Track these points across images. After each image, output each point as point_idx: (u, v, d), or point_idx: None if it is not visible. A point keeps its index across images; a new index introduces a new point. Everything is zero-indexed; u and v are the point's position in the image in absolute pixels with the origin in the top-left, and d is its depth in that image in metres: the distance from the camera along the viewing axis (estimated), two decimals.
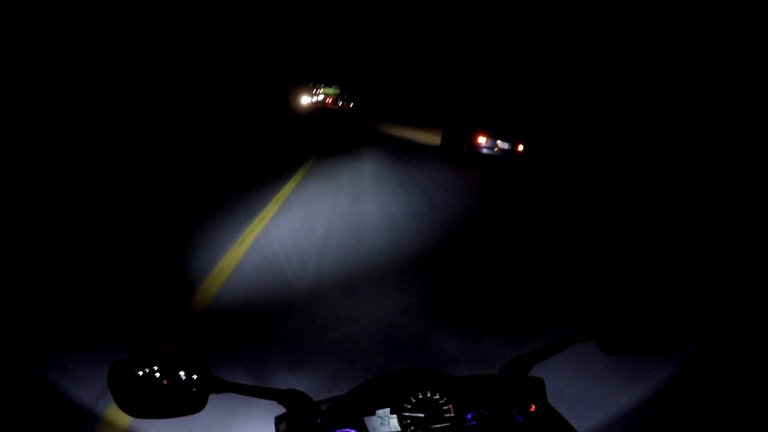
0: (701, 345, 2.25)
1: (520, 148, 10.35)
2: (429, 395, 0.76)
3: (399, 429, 0.74)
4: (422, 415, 0.75)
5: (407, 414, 0.75)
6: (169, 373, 0.71)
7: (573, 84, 15.82)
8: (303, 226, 4.37)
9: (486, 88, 23.71)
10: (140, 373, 0.71)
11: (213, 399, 0.74)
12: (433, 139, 15.79)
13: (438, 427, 0.74)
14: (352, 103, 51.57)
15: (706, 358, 2.16)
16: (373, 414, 0.75)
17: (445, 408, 0.75)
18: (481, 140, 10.22)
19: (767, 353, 2.25)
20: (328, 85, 67.55)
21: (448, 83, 30.67)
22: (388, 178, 7.61)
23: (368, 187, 6.76)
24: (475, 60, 26.35)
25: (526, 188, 8.87)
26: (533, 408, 0.75)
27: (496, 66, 22.50)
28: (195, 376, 0.72)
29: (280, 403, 0.75)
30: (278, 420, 0.75)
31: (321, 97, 58.61)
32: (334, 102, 58.29)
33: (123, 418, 1.73)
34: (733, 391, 1.95)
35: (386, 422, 0.75)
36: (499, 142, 10.21)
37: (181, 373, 0.72)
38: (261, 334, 2.41)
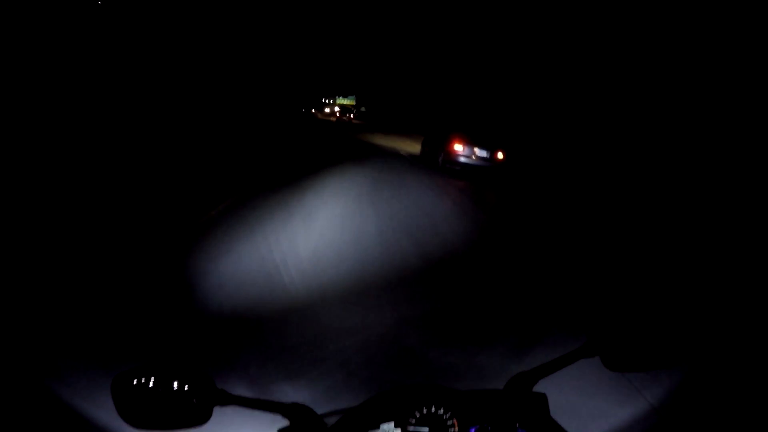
0: (701, 354, 2.23)
1: (500, 156, 9.82)
2: (433, 410, 0.76)
3: None
4: (426, 429, 0.75)
5: (412, 429, 0.75)
6: (174, 385, 0.72)
7: (555, 89, 15.96)
8: None
9: (464, 94, 23.80)
10: (144, 384, 0.71)
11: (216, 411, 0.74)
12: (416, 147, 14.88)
13: None
14: (353, 114, 46.66)
15: (706, 366, 2.14)
16: (378, 428, 0.75)
17: (449, 423, 0.75)
18: (458, 147, 9.71)
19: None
20: (343, 96, 63.64)
21: (433, 88, 30.77)
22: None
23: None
24: (454, 63, 26.53)
25: (508, 197, 8.56)
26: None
27: (475, 70, 22.76)
28: (199, 389, 0.72)
29: (284, 416, 0.76)
30: None
31: (336, 109, 52.78)
32: (342, 114, 48.10)
33: None
34: (734, 398, 1.93)
35: None
36: (476, 149, 9.69)
37: (186, 386, 0.72)
38: None
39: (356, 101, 62.01)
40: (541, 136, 15.30)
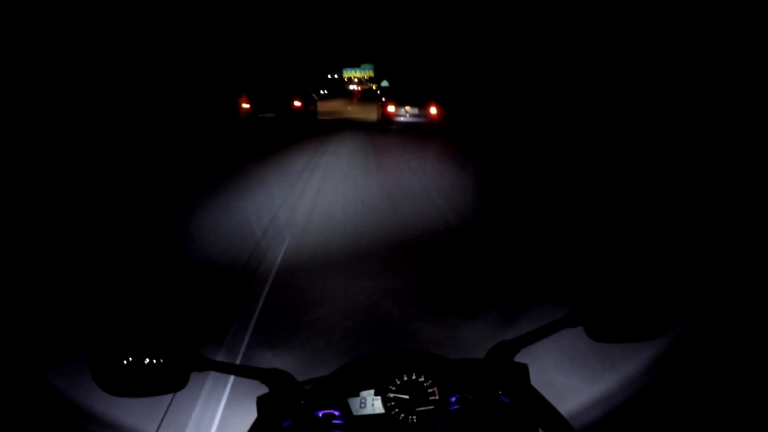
0: (690, 321, 2.30)
1: (433, 111, 10.83)
2: (414, 377, 0.75)
3: (383, 410, 0.74)
4: (407, 396, 0.75)
5: (392, 395, 0.75)
6: (150, 350, 0.70)
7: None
8: None
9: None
10: (120, 350, 0.69)
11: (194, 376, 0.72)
12: None
13: (422, 410, 0.74)
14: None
15: (696, 334, 2.22)
16: (357, 395, 0.75)
17: (429, 390, 0.75)
18: (391, 109, 11.04)
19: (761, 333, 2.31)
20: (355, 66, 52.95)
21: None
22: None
23: None
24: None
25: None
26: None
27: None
28: (176, 354, 0.70)
29: (263, 382, 0.74)
30: (260, 400, 0.74)
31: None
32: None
33: None
34: (724, 369, 2.01)
35: (370, 403, 0.74)
36: (408, 108, 10.94)
37: (163, 351, 0.70)
38: None
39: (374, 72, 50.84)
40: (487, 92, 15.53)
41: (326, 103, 25.22)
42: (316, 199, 5.19)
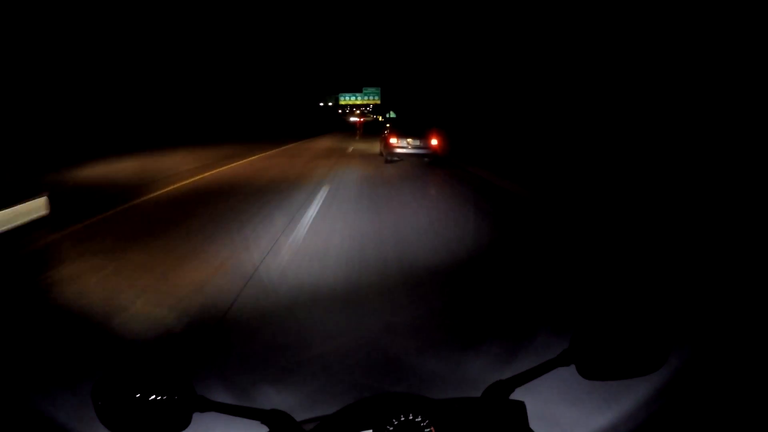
0: (692, 347, 2.27)
1: (434, 142, 11.25)
2: (411, 418, 0.77)
3: None
4: None
5: None
6: (154, 390, 0.72)
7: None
8: None
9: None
10: (125, 390, 0.71)
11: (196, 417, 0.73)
12: None
13: None
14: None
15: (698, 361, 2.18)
16: None
17: (427, 431, 0.76)
18: (393, 141, 11.52)
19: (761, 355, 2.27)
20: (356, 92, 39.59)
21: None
22: None
23: None
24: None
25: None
26: None
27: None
28: (179, 395, 0.72)
29: (263, 423, 0.76)
30: None
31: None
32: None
33: None
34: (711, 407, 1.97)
35: None
36: (409, 140, 11.36)
37: (166, 391, 0.72)
38: None
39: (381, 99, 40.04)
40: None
41: (312, 143, 20.81)
42: None
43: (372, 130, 25.97)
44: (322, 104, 44.88)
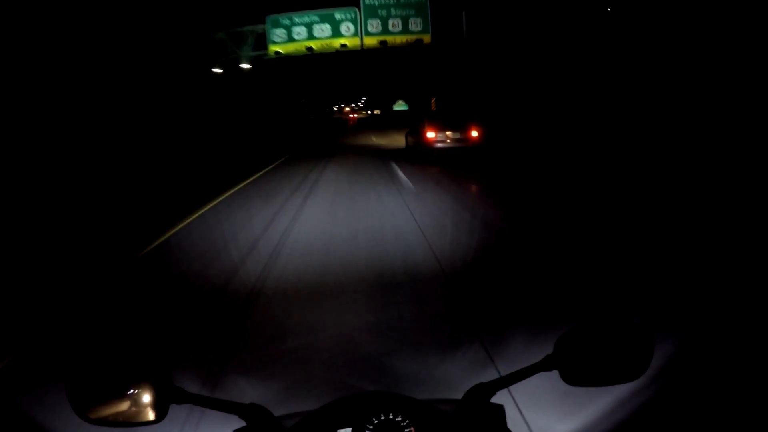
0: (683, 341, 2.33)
1: (474, 134, 10.12)
2: (391, 417, 0.76)
3: None
4: None
5: None
6: (130, 381, 0.70)
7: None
8: None
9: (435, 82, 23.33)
10: (100, 380, 0.70)
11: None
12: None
13: None
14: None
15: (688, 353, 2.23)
16: None
17: (407, 431, 0.76)
18: (431, 135, 10.11)
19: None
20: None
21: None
22: None
23: None
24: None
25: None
26: None
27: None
28: (156, 386, 0.71)
29: (240, 417, 0.75)
30: None
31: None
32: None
33: None
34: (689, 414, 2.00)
35: None
36: (449, 132, 10.07)
37: (143, 382, 0.71)
38: None
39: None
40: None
41: None
42: None
43: (369, 130, 26.90)
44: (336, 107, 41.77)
